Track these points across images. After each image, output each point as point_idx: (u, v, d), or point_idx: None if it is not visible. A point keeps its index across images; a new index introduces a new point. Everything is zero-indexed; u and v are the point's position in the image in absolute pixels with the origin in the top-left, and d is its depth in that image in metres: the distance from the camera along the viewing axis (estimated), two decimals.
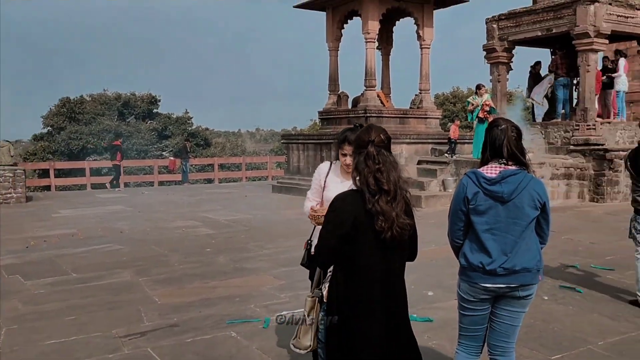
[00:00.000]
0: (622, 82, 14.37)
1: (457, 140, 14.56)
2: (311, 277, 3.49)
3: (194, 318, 5.26)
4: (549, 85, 14.82)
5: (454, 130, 14.45)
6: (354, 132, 3.17)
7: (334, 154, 3.06)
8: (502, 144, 2.93)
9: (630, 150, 5.51)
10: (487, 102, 13.18)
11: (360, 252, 2.64)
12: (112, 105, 31.41)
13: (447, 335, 4.55)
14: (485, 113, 12.97)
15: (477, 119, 13.21)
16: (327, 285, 2.91)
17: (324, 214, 2.85)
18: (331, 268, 2.87)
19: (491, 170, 2.94)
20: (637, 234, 5.36)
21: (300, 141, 16.56)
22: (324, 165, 3.68)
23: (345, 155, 3.36)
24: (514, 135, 2.95)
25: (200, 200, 15.45)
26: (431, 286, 6.12)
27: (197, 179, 24.82)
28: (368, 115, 14.90)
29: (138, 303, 5.78)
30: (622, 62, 14.37)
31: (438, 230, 7.21)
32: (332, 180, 3.54)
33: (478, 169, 3.00)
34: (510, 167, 2.94)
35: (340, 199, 2.69)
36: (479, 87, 13.76)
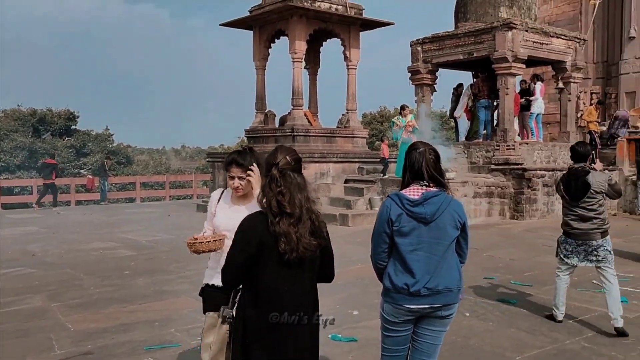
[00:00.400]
0: (538, 105, 15.05)
1: (389, 160, 14.70)
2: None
3: (110, 345, 4.97)
4: (468, 99, 15.29)
5: (384, 150, 14.62)
6: (242, 154, 3.24)
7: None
8: (421, 166, 3.01)
9: (562, 175, 5.64)
10: (411, 123, 13.46)
11: (265, 273, 2.67)
12: (27, 121, 29.97)
13: (371, 354, 4.50)
14: (409, 133, 13.23)
15: (401, 139, 13.47)
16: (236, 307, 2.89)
17: (207, 241, 3.00)
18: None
19: (414, 192, 3.01)
20: (565, 257, 5.49)
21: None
22: (216, 193, 3.56)
23: (233, 178, 3.28)
24: (432, 158, 3.03)
25: (120, 220, 14.88)
26: (357, 305, 6.08)
27: (118, 198, 23.97)
28: (295, 134, 14.88)
29: (49, 330, 5.42)
30: (538, 86, 15.05)
31: (364, 249, 7.17)
32: (221, 207, 3.44)
33: (400, 191, 3.06)
34: (431, 188, 3.01)
35: (247, 219, 2.73)
36: (403, 107, 14.09)
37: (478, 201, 13.09)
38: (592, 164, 5.64)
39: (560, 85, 15.57)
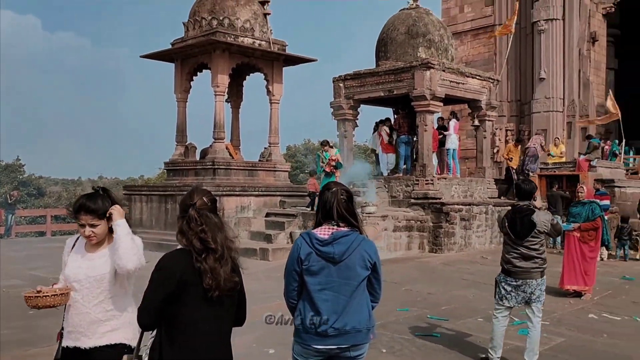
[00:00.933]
0: (451, 141, 15.58)
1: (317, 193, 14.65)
2: None
3: None
4: (384, 135, 15.55)
5: (312, 184, 14.53)
6: (92, 198, 3.03)
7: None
8: (333, 206, 3.02)
9: (507, 212, 5.62)
10: (334, 157, 13.55)
11: (186, 311, 2.60)
12: None
13: None
14: (332, 167, 13.31)
15: (323, 173, 13.53)
16: (148, 351, 2.73)
17: (48, 295, 2.86)
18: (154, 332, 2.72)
19: (324, 232, 3.02)
20: (502, 298, 5.36)
21: (144, 192, 15.80)
22: (70, 240, 3.29)
23: (83, 226, 3.03)
24: (344, 198, 3.05)
25: (28, 256, 14.01)
26: (273, 343, 5.91)
27: (27, 232, 22.71)
28: (216, 167, 14.64)
29: None
30: (452, 122, 15.64)
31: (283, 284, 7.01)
32: (72, 257, 3.15)
33: (312, 230, 3.07)
34: (342, 228, 3.02)
35: (167, 257, 2.67)
36: (323, 143, 14.21)
37: (398, 235, 13.25)
38: (534, 201, 5.58)
39: (476, 122, 16.20)
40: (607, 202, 13.56)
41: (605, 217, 10.75)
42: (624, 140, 20.53)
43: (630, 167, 22.16)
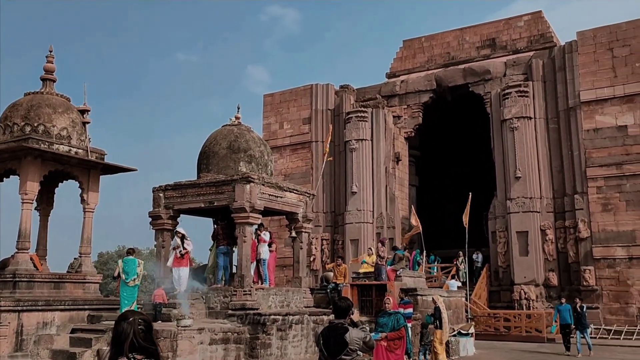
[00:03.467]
0: (264, 252, 15.94)
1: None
2: None
3: None
4: (177, 250, 15.08)
5: (159, 295, 13.68)
6: None
7: None
8: (129, 337, 2.95)
9: (323, 328, 5.78)
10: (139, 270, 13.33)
11: None
12: None
13: None
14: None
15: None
16: None
17: None
18: None
19: None
20: None
21: None
22: None
23: None
24: (142, 328, 3.01)
25: None
26: None
27: None
28: (17, 279, 13.45)
29: None
30: (264, 235, 16.02)
31: None
32: None
33: None
34: None
35: None
36: (131, 251, 13.89)
37: (214, 348, 13.00)
38: (351, 315, 5.82)
39: (293, 234, 16.91)
40: (410, 310, 14.67)
41: (409, 325, 11.68)
42: (424, 251, 22.61)
43: (433, 275, 24.38)
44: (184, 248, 14.56)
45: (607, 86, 23.50)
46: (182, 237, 14.83)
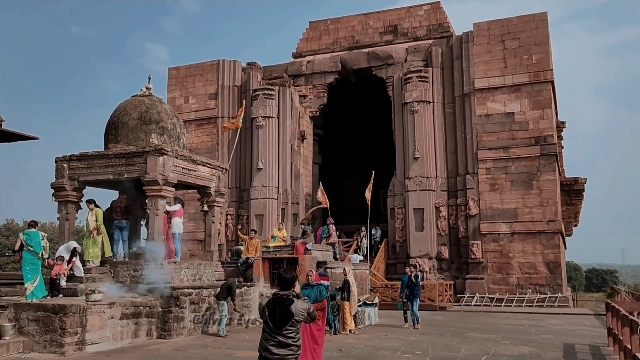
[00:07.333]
0: (176, 225, 15.77)
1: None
2: None
3: None
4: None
5: (60, 269, 13.32)
6: None
7: None
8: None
9: (268, 300, 5.87)
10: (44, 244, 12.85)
11: None
12: None
13: None
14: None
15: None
16: None
17: None
18: None
19: None
20: None
21: None
22: None
23: None
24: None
25: None
26: None
27: None
28: None
29: None
30: (177, 207, 15.83)
31: None
32: None
33: None
34: None
35: None
36: (33, 224, 13.38)
37: (125, 322, 12.78)
38: (294, 288, 5.96)
39: (205, 208, 16.89)
40: (327, 282, 15.23)
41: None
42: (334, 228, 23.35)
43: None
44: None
45: (498, 75, 25.29)
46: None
